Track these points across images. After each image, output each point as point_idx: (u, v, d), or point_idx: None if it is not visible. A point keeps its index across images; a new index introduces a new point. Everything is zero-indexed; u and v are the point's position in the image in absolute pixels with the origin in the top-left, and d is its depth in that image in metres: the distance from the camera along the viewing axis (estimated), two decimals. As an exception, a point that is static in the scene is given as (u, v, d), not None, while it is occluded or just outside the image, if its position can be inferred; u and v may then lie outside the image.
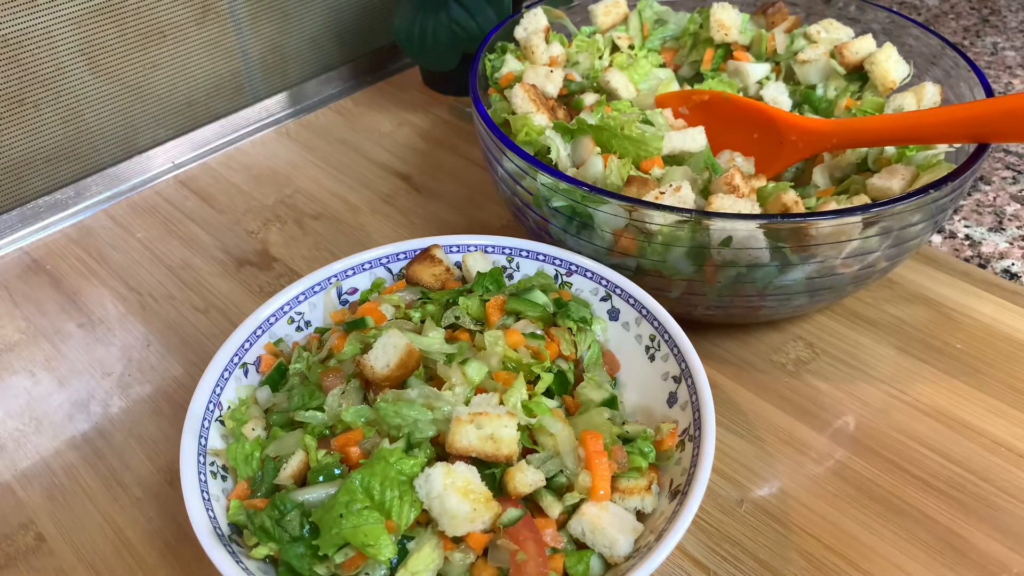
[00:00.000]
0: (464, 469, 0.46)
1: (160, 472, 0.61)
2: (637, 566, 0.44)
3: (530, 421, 0.51)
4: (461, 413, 0.48)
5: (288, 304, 0.61)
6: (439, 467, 0.46)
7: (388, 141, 0.97)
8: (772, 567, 0.54)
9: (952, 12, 1.23)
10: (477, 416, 0.48)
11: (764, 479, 0.60)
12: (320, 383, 0.54)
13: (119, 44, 0.87)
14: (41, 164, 0.87)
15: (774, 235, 0.57)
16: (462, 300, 0.59)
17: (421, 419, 0.49)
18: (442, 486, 0.45)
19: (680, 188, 0.61)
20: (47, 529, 0.58)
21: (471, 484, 0.46)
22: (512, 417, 0.48)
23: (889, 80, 0.73)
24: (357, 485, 0.45)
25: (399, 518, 0.45)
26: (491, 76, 0.78)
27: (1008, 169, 0.91)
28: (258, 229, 0.84)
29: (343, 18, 1.07)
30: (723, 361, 0.69)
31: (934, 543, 0.55)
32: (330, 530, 0.44)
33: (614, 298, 0.61)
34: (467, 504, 0.45)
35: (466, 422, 0.47)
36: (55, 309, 0.75)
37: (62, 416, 0.66)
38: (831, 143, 0.68)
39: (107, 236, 0.84)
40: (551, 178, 0.61)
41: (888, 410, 0.64)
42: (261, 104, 1.02)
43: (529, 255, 0.64)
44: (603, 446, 0.50)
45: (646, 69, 0.82)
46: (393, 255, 0.65)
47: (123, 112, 0.91)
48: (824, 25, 0.80)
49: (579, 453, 0.50)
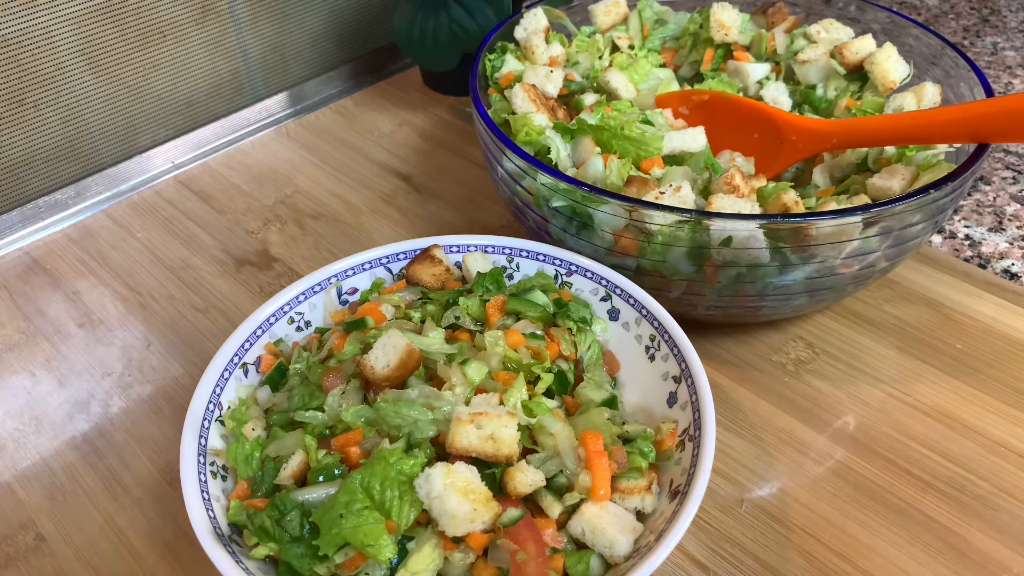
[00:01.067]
0: (464, 469, 0.46)
1: (160, 472, 0.61)
2: (637, 566, 0.44)
3: (530, 421, 0.51)
4: (461, 413, 0.48)
5: (288, 304, 0.61)
6: (439, 467, 0.46)
7: (388, 141, 0.97)
8: (772, 567, 0.54)
9: (952, 12, 1.23)
10: (477, 416, 0.48)
11: (764, 479, 0.60)
12: (320, 383, 0.54)
13: (119, 44, 0.87)
14: (41, 164, 0.87)
15: (774, 235, 0.57)
16: (462, 300, 0.59)
17: (421, 419, 0.49)
18: (442, 486, 0.45)
19: (680, 188, 0.61)
20: (47, 529, 0.58)
21: (471, 484, 0.46)
22: (512, 417, 0.48)
23: (889, 80, 0.73)
24: (357, 485, 0.45)
25: (399, 518, 0.45)
26: (491, 76, 0.78)
27: (1008, 169, 0.91)
28: (258, 229, 0.84)
29: (343, 18, 1.07)
30: (723, 361, 0.69)
31: (934, 543, 0.55)
32: (330, 530, 0.44)
33: (614, 298, 0.61)
34: (467, 504, 0.45)
35: (466, 422, 0.47)
36: (55, 309, 0.75)
37: (62, 416, 0.66)
38: (831, 143, 0.68)
39: (107, 236, 0.84)
40: (551, 178, 0.61)
41: (888, 410, 0.64)
42: (261, 104, 1.02)
43: (529, 255, 0.64)
44: (603, 446, 0.50)
45: (646, 69, 0.82)
46: (393, 255, 0.65)
47: (123, 112, 0.91)
48: (824, 25, 0.80)
49: (579, 453, 0.50)
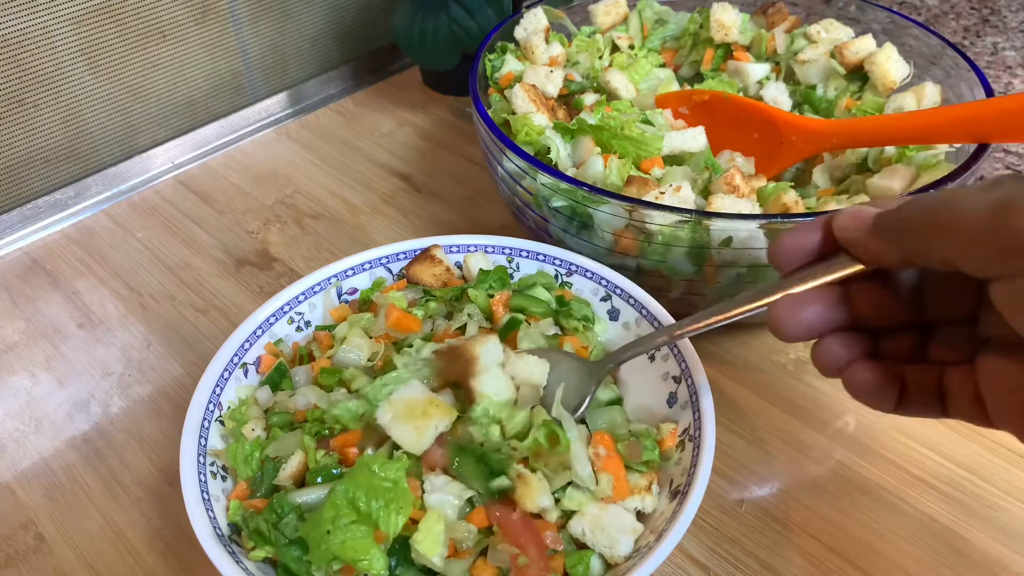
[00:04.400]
0: (405, 392, 0.49)
1: (160, 472, 0.61)
2: (637, 566, 0.44)
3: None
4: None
5: (288, 304, 0.61)
6: (382, 405, 0.49)
7: (388, 141, 0.97)
8: (772, 567, 0.54)
9: (952, 12, 1.23)
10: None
11: (764, 479, 0.60)
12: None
13: (119, 44, 0.87)
14: (41, 164, 0.87)
15: (774, 235, 0.57)
16: (471, 291, 0.59)
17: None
18: (389, 419, 0.48)
19: (680, 188, 0.61)
20: (47, 529, 0.58)
21: (412, 403, 0.48)
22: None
23: (889, 80, 0.73)
24: (342, 499, 0.45)
25: (387, 527, 0.45)
26: (491, 76, 0.78)
27: (1008, 169, 0.91)
28: (258, 229, 0.84)
29: (343, 18, 1.07)
30: (723, 361, 0.69)
31: (934, 543, 0.55)
32: (319, 546, 0.44)
33: (614, 298, 0.61)
34: (410, 426, 0.48)
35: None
36: (55, 309, 0.75)
37: (62, 416, 0.66)
38: (831, 143, 0.68)
39: (107, 236, 0.84)
40: (551, 178, 0.61)
41: (888, 410, 0.64)
42: (261, 104, 1.02)
43: (529, 255, 0.64)
44: (615, 448, 0.51)
45: (646, 69, 0.82)
46: (393, 255, 0.64)
47: (123, 112, 0.91)
48: (824, 25, 0.80)
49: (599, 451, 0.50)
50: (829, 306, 0.42)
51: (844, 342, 0.42)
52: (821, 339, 0.42)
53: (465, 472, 0.48)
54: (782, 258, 0.43)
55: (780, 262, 0.44)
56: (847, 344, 0.42)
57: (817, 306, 0.42)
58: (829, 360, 0.42)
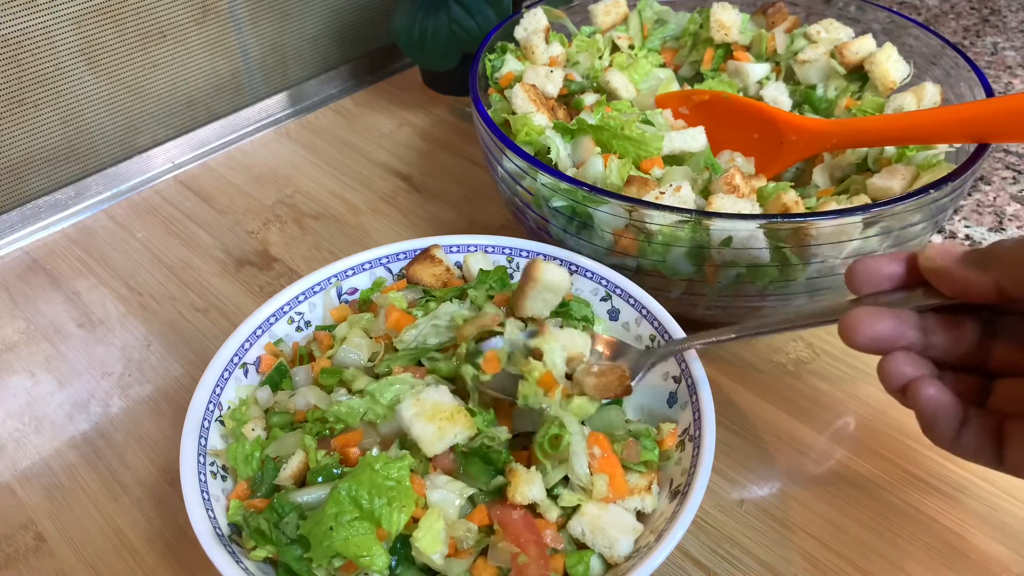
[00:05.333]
0: (431, 394, 0.49)
1: (160, 472, 0.61)
2: (637, 566, 0.44)
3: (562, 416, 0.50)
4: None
5: (288, 304, 0.61)
6: (408, 399, 0.49)
7: (388, 141, 0.97)
8: (772, 567, 0.54)
9: (952, 12, 1.23)
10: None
11: (764, 479, 0.60)
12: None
13: (119, 44, 0.87)
14: (41, 164, 0.87)
15: (774, 235, 0.57)
16: (471, 291, 0.59)
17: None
18: (411, 415, 0.48)
19: (680, 188, 0.61)
20: (47, 529, 0.58)
21: (438, 406, 0.49)
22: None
23: (889, 80, 0.73)
24: (344, 496, 0.45)
25: (389, 525, 0.45)
26: (491, 76, 0.78)
27: (1008, 169, 0.91)
28: (258, 229, 0.84)
29: (343, 18, 1.07)
30: (723, 361, 0.69)
31: (934, 543, 0.55)
32: (321, 543, 0.44)
33: (614, 298, 0.61)
34: (433, 426, 0.48)
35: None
36: (55, 309, 0.75)
37: (62, 416, 0.66)
38: (831, 143, 0.68)
39: (107, 236, 0.84)
40: (551, 178, 0.61)
41: (888, 410, 0.64)
42: (261, 104, 1.02)
43: (529, 255, 0.64)
44: (611, 448, 0.50)
45: (646, 69, 0.82)
46: (393, 255, 0.64)
47: (123, 112, 0.91)
48: (824, 25, 0.80)
49: (594, 451, 0.50)
50: (905, 325, 0.42)
51: (912, 360, 0.42)
52: (891, 353, 0.42)
53: (471, 472, 0.49)
54: (861, 279, 0.43)
55: (858, 283, 0.44)
56: (915, 363, 0.42)
57: (893, 321, 0.42)
58: (896, 373, 0.42)
